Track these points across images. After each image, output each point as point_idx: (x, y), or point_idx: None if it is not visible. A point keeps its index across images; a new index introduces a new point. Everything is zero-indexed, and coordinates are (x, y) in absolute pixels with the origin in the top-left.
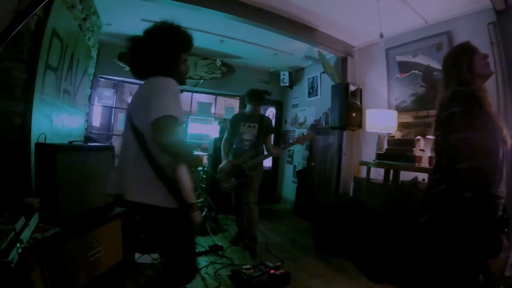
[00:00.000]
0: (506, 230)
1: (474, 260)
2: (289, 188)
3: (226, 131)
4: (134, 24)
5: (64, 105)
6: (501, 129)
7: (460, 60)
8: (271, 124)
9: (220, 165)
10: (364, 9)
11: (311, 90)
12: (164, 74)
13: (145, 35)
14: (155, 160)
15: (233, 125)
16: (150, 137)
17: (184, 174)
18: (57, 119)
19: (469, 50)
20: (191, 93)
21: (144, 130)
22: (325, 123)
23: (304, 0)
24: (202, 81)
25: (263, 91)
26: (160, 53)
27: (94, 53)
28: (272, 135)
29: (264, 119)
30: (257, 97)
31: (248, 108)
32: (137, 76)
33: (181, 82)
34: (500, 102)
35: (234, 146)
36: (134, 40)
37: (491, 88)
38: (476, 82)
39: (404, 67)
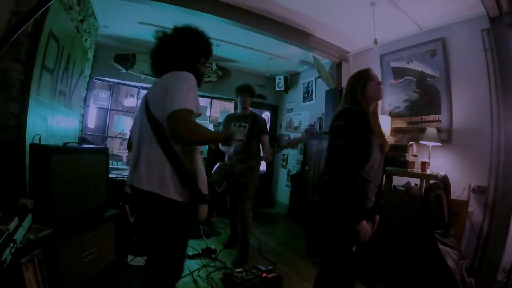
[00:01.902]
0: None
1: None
2: (283, 192)
3: None
4: (131, 26)
5: (59, 106)
6: (378, 139)
7: (356, 83)
8: (265, 125)
9: (215, 167)
10: (359, 15)
11: (306, 95)
12: (184, 70)
13: (175, 32)
14: (173, 151)
15: (225, 125)
16: (167, 130)
17: (200, 165)
18: (52, 120)
19: (366, 76)
20: None
21: (162, 121)
22: (319, 127)
23: (300, 6)
24: None
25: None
26: (184, 50)
27: (90, 55)
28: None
29: (257, 119)
30: (243, 88)
31: (239, 106)
32: (157, 72)
33: (199, 83)
34: (493, 106)
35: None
36: (163, 36)
37: (484, 93)
38: (365, 102)
39: (398, 73)
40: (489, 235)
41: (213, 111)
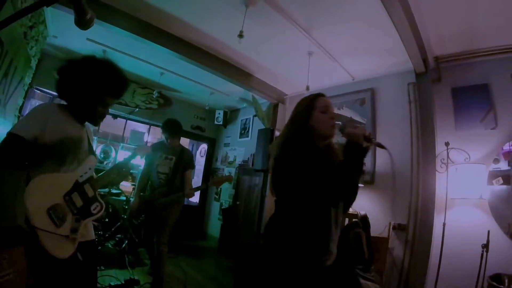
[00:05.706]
0: None
1: None
2: (215, 225)
3: (144, 163)
4: (79, 41)
5: None
6: None
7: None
8: (192, 159)
9: (131, 201)
10: (297, 62)
11: (243, 131)
12: (75, 103)
13: (84, 61)
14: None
15: (150, 155)
16: None
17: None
18: None
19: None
20: (125, 120)
21: None
22: (252, 164)
23: (243, 47)
24: (137, 109)
25: (179, 123)
26: (82, 84)
27: (34, 63)
28: (193, 171)
29: (184, 152)
30: (172, 129)
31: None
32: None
33: (92, 121)
34: (413, 153)
35: (151, 180)
36: (70, 62)
37: (406, 140)
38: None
39: None
40: (410, 270)
41: (151, 137)
